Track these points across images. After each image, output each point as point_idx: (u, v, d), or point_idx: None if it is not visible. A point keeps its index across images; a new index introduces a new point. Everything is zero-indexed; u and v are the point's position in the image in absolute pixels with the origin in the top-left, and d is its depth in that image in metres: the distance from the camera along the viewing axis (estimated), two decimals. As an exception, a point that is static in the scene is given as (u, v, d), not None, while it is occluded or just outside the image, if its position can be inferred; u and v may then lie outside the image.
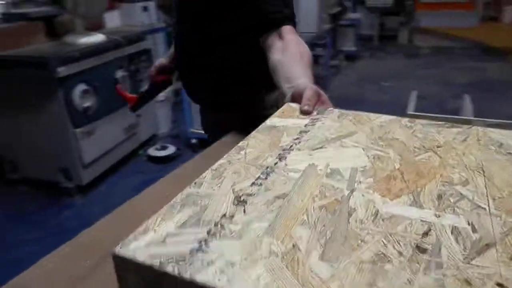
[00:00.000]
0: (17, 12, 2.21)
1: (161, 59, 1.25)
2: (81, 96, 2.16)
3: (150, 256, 0.32)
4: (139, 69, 2.84)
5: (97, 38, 2.39)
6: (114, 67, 2.48)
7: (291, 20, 0.84)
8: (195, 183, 0.43)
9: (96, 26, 2.76)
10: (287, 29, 0.82)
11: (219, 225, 0.36)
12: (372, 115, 0.61)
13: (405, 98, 2.31)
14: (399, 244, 0.33)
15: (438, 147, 0.50)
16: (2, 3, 2.25)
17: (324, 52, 3.68)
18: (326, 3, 3.22)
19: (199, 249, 0.32)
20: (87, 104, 2.20)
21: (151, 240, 0.34)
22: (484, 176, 0.43)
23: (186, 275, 0.30)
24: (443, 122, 0.57)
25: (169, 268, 0.30)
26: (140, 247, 0.33)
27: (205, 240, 0.34)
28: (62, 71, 2.06)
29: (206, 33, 0.93)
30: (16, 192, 2.31)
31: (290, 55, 0.78)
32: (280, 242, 0.33)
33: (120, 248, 0.32)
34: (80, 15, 2.30)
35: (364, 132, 0.55)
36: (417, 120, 0.59)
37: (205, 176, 0.44)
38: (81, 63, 2.18)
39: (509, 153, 0.48)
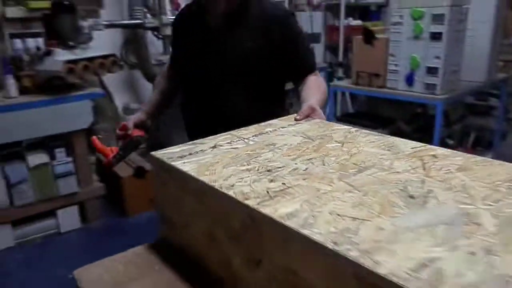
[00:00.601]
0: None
1: (139, 114, 1.26)
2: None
3: (162, 155, 0.72)
4: (292, 103, 3.29)
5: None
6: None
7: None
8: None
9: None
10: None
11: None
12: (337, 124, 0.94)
13: None
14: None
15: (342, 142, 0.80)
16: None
17: (498, 103, 3.33)
18: (501, 49, 2.96)
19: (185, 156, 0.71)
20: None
21: (171, 150, 0.75)
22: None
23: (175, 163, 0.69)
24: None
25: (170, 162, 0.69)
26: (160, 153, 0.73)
27: (190, 154, 0.72)
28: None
29: (249, 88, 1.18)
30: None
31: (308, 84, 1.15)
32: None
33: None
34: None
35: (315, 131, 0.89)
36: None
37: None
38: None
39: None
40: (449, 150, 0.78)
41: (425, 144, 0.81)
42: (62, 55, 2.26)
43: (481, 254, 0.43)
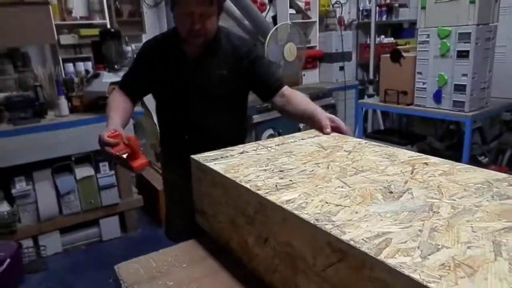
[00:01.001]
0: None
1: (115, 127, 1.19)
2: (267, 138, 2.94)
3: (199, 158, 0.94)
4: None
5: (288, 93, 3.17)
6: (298, 117, 3.17)
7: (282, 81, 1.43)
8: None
9: (293, 83, 3.60)
10: (284, 88, 1.41)
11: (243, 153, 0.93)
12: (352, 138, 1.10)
13: None
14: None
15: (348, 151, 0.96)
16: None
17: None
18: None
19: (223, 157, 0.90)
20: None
21: (207, 154, 0.95)
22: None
23: (208, 163, 0.88)
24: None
25: (204, 163, 0.90)
26: (198, 156, 0.95)
27: (221, 158, 0.92)
28: (256, 117, 2.89)
29: (219, 106, 1.44)
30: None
31: (298, 97, 1.37)
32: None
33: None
34: (279, 72, 3.14)
35: (330, 142, 1.07)
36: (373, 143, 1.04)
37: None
38: (271, 113, 2.98)
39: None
40: (440, 159, 0.93)
41: (421, 154, 0.97)
42: (108, 77, 2.58)
43: (426, 232, 0.59)
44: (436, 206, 0.67)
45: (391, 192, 0.73)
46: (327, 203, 0.69)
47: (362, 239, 0.57)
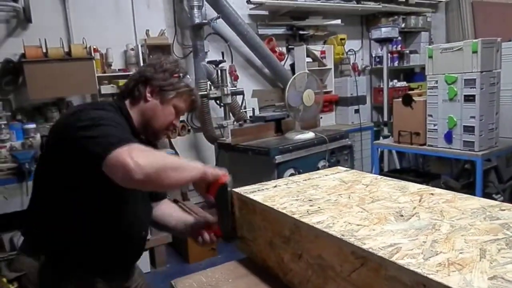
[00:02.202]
0: (259, 116, 3.49)
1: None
2: (288, 177, 3.11)
3: (240, 190, 1.11)
4: (339, 160, 3.63)
5: (308, 135, 3.39)
6: (317, 158, 3.36)
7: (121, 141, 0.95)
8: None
9: (311, 125, 3.81)
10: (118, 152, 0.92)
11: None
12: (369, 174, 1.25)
13: None
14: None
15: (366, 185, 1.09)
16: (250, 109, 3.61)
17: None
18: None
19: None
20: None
21: (246, 188, 1.12)
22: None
23: (248, 195, 1.05)
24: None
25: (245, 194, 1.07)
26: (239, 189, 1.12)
27: (258, 190, 1.09)
28: (279, 158, 3.08)
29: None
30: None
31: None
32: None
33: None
34: (298, 118, 3.37)
35: (350, 177, 1.22)
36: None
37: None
38: (292, 153, 3.17)
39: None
40: (445, 190, 1.10)
41: (429, 187, 1.13)
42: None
43: (428, 243, 0.75)
44: (438, 225, 0.84)
45: (402, 215, 0.90)
46: (349, 223, 0.87)
47: (379, 247, 0.74)
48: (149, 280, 2.94)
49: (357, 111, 4.52)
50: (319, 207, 0.98)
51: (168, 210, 1.41)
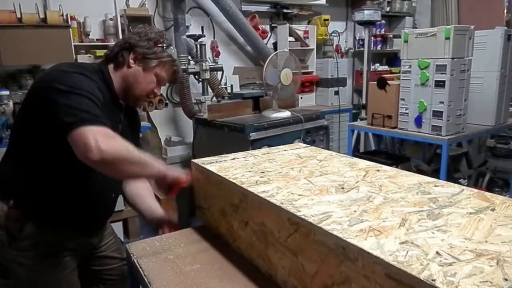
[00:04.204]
0: (237, 93, 3.51)
1: None
2: (261, 153, 3.17)
3: (198, 161, 1.14)
4: (314, 140, 3.70)
5: (284, 114, 3.43)
6: (293, 137, 3.41)
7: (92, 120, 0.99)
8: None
9: (290, 105, 3.85)
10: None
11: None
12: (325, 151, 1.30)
13: None
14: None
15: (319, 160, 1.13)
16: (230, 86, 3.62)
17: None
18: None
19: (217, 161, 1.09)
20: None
21: (204, 159, 1.16)
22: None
23: (206, 166, 1.08)
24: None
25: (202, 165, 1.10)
26: (197, 160, 1.16)
27: (216, 161, 1.12)
28: (253, 135, 3.13)
29: None
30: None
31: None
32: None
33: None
34: (276, 97, 3.40)
35: (307, 153, 1.27)
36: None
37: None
38: (268, 131, 3.22)
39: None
40: (390, 167, 1.16)
41: (376, 164, 1.20)
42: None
43: (358, 212, 0.81)
44: (373, 197, 0.90)
45: (343, 188, 0.96)
46: (292, 193, 0.92)
47: (311, 215, 0.79)
48: (122, 250, 3.02)
49: (337, 93, 4.57)
50: (268, 179, 1.04)
51: (142, 192, 1.45)
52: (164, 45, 1.28)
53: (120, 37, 3.48)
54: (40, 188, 1.15)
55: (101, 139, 0.96)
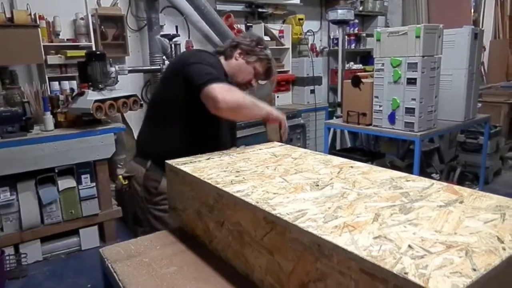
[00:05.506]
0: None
1: None
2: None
3: (172, 162, 1.12)
4: (292, 139, 3.73)
5: (261, 113, 3.42)
6: (270, 135, 3.42)
7: (216, 79, 1.34)
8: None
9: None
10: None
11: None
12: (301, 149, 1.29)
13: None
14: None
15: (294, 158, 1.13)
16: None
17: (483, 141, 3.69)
18: (484, 92, 3.36)
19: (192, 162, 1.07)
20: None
21: (178, 160, 1.13)
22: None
23: (179, 166, 1.05)
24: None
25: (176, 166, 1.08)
26: (171, 161, 1.13)
27: (191, 162, 1.08)
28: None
29: None
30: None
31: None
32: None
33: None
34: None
35: (281, 151, 1.27)
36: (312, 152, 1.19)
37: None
38: (244, 130, 3.22)
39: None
40: (363, 163, 1.17)
41: (350, 160, 1.21)
42: (92, 95, 2.76)
43: (333, 208, 0.82)
44: (347, 193, 0.91)
45: (318, 185, 0.97)
46: (267, 192, 0.92)
47: (287, 213, 0.79)
48: (97, 255, 2.94)
49: (312, 91, 4.61)
50: (243, 178, 1.03)
51: None
52: (263, 46, 1.61)
53: (92, 37, 3.40)
54: (174, 146, 1.44)
55: (225, 92, 1.31)
